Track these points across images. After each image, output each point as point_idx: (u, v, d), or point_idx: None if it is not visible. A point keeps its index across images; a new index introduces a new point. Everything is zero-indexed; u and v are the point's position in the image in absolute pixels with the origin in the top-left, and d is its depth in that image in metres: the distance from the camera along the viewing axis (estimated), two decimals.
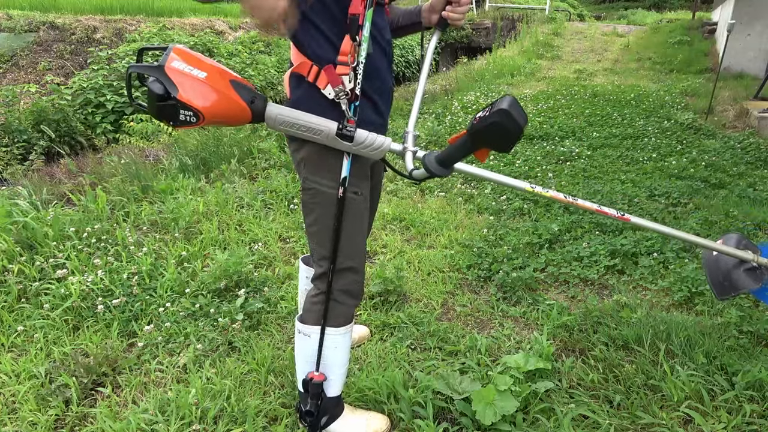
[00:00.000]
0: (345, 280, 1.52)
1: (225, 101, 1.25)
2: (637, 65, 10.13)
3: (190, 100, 1.21)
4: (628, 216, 1.55)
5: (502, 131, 1.08)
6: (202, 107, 1.22)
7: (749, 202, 3.56)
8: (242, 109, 1.28)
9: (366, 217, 1.54)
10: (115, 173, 3.95)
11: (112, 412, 1.82)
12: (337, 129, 1.31)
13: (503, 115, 1.06)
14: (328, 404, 1.62)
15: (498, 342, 2.18)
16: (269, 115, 1.31)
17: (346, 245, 1.48)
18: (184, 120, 1.23)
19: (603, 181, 4.05)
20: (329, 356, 1.57)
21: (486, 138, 1.11)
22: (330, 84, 1.29)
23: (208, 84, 1.23)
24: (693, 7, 17.03)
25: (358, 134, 1.33)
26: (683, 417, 1.76)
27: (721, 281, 1.73)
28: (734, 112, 6.13)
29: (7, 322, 2.30)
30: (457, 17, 1.48)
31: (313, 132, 1.32)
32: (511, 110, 1.05)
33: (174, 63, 1.22)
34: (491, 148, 1.13)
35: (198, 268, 2.70)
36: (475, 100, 6.93)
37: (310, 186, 1.45)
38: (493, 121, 1.07)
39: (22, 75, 8.35)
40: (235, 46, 9.67)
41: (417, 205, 3.67)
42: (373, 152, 1.37)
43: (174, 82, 1.21)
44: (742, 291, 1.66)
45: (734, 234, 1.80)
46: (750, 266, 1.70)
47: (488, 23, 16.02)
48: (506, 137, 1.09)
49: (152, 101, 1.22)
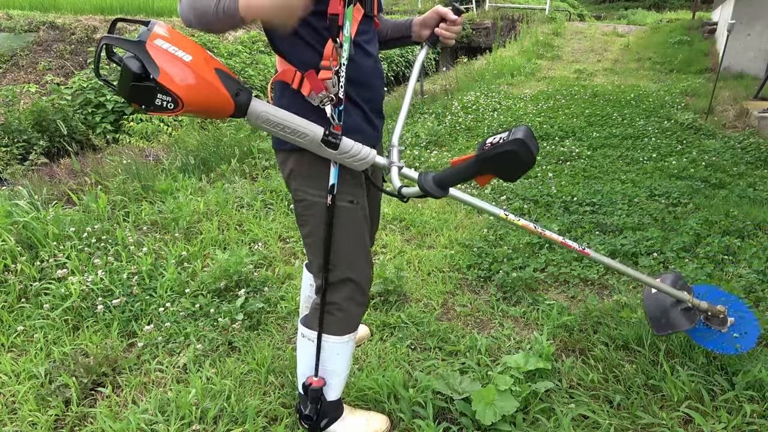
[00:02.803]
0: (346, 290, 1.48)
1: (208, 90, 1.13)
2: (637, 65, 10.13)
3: (171, 84, 1.08)
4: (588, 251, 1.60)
5: (515, 161, 1.06)
6: (183, 94, 1.10)
7: (749, 202, 3.56)
8: (225, 101, 1.16)
9: (366, 226, 1.50)
10: (115, 173, 3.96)
11: (112, 412, 1.82)
12: (323, 134, 1.25)
13: (519, 145, 1.04)
14: (327, 407, 1.61)
15: (498, 342, 2.18)
16: (253, 111, 1.21)
17: (344, 256, 1.44)
18: (160, 105, 1.10)
19: (603, 181, 4.05)
20: (330, 363, 1.55)
21: (496, 165, 1.09)
22: (313, 90, 1.25)
23: (192, 69, 1.11)
24: (693, 7, 17.03)
25: (344, 143, 1.28)
26: (683, 417, 1.76)
27: (659, 318, 1.82)
28: (734, 112, 6.12)
29: (7, 322, 2.30)
30: (450, 36, 1.47)
31: (297, 135, 1.25)
32: (527, 141, 1.04)
33: (157, 41, 1.10)
34: (498, 175, 1.11)
35: (198, 268, 2.70)
36: (475, 100, 6.93)
37: (301, 197, 1.41)
38: (508, 150, 1.05)
39: (22, 75, 8.35)
40: (235, 46, 9.67)
41: (417, 205, 3.67)
42: (357, 163, 1.32)
43: (155, 62, 1.08)
44: (678, 329, 1.75)
45: (671, 273, 1.89)
46: (686, 306, 1.77)
47: (488, 23, 16.03)
48: (517, 167, 1.07)
49: (126, 80, 1.08)
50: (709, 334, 1.82)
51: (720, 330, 1.81)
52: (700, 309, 1.79)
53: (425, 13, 1.52)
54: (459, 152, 4.94)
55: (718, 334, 1.81)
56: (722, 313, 1.81)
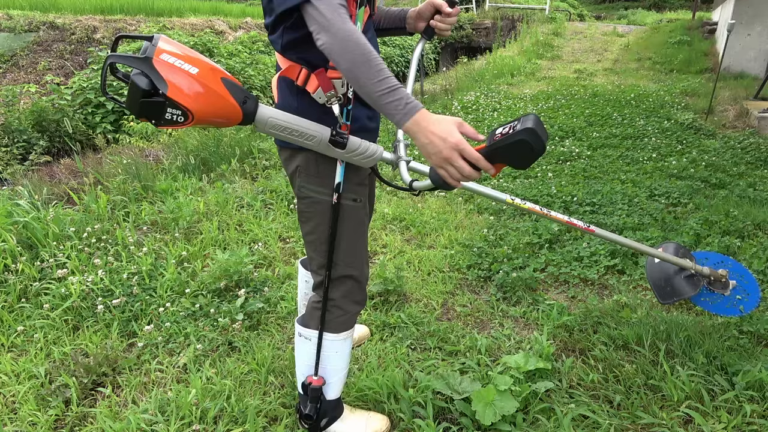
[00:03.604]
0: (345, 287, 1.50)
1: (216, 101, 1.15)
2: (637, 65, 10.13)
3: (180, 97, 1.10)
4: (593, 227, 1.60)
5: (526, 149, 1.07)
6: (192, 106, 1.11)
7: (749, 202, 3.55)
8: (234, 110, 1.18)
9: (366, 223, 1.52)
10: (115, 173, 3.96)
11: (112, 412, 1.82)
12: (330, 135, 1.26)
13: (530, 134, 1.05)
14: (327, 407, 1.62)
15: (498, 342, 2.18)
16: (260, 117, 1.23)
17: (346, 253, 1.45)
18: (170, 119, 1.12)
19: (603, 181, 4.05)
20: (329, 361, 1.56)
21: (507, 155, 1.10)
22: (321, 88, 1.25)
23: (200, 81, 1.12)
24: (693, 7, 17.02)
25: (351, 141, 1.28)
26: (683, 417, 1.76)
27: (663, 286, 1.85)
28: (734, 112, 6.12)
29: (7, 322, 2.30)
30: (445, 28, 1.48)
31: (305, 137, 1.25)
32: (537, 129, 1.05)
33: (163, 56, 1.11)
34: (509, 164, 1.12)
35: (198, 268, 2.70)
36: (475, 100, 6.93)
37: (306, 195, 1.42)
38: (519, 139, 1.05)
39: (22, 75, 8.35)
40: (235, 46, 9.67)
41: (417, 205, 3.67)
42: (365, 161, 1.32)
43: (163, 77, 1.09)
44: (683, 297, 1.79)
45: (672, 243, 1.91)
46: (689, 273, 1.80)
47: (488, 23, 16.03)
48: (529, 155, 1.08)
49: (135, 96, 1.09)
50: (713, 298, 1.86)
51: (723, 293, 1.84)
52: (702, 275, 1.82)
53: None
54: None
55: (721, 297, 1.85)
56: (724, 277, 1.85)
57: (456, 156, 1.06)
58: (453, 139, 1.05)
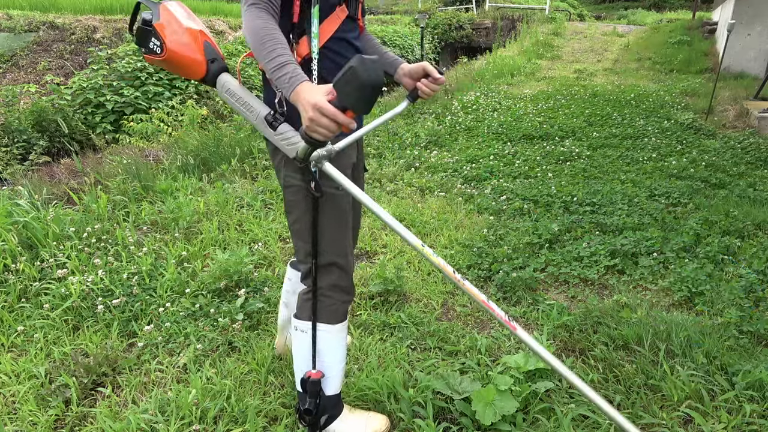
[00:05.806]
0: (332, 275, 1.54)
1: (188, 49, 1.39)
2: (637, 65, 10.13)
3: (162, 31, 1.37)
4: (515, 325, 1.43)
5: (355, 78, 1.06)
6: (168, 41, 1.36)
7: (749, 202, 3.56)
8: (199, 63, 1.41)
9: (349, 212, 1.56)
10: (115, 173, 3.95)
11: (112, 412, 1.82)
12: (267, 114, 1.39)
13: (358, 61, 1.05)
14: (326, 403, 1.62)
15: (498, 342, 2.18)
16: (220, 80, 1.44)
17: (330, 241, 1.50)
18: (152, 48, 1.38)
19: (603, 181, 4.05)
20: (325, 354, 1.58)
21: (346, 93, 1.10)
22: None
23: (185, 29, 1.39)
24: (693, 7, 17.02)
25: (282, 126, 1.39)
26: (683, 417, 1.76)
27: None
28: (734, 112, 6.13)
29: (7, 322, 2.30)
30: (429, 93, 1.56)
31: (246, 108, 1.42)
32: (366, 60, 1.06)
33: (171, 6, 1.41)
34: (354, 109, 1.12)
35: (198, 268, 2.70)
36: (475, 100, 6.93)
37: (290, 183, 1.48)
38: (349, 67, 1.06)
39: (22, 75, 8.35)
40: (234, 45, 9.67)
41: (417, 205, 3.67)
42: (287, 148, 1.41)
43: (159, 15, 1.38)
44: None
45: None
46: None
47: (488, 23, 16.04)
48: (359, 86, 1.07)
49: (138, 24, 1.41)
50: None
51: None
52: None
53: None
54: (459, 152, 4.94)
55: None
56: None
57: (318, 114, 1.13)
58: (313, 99, 1.13)
